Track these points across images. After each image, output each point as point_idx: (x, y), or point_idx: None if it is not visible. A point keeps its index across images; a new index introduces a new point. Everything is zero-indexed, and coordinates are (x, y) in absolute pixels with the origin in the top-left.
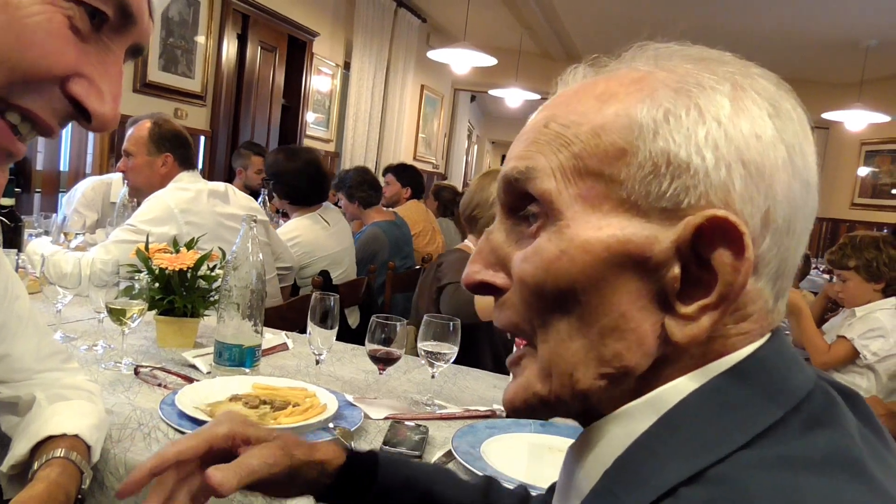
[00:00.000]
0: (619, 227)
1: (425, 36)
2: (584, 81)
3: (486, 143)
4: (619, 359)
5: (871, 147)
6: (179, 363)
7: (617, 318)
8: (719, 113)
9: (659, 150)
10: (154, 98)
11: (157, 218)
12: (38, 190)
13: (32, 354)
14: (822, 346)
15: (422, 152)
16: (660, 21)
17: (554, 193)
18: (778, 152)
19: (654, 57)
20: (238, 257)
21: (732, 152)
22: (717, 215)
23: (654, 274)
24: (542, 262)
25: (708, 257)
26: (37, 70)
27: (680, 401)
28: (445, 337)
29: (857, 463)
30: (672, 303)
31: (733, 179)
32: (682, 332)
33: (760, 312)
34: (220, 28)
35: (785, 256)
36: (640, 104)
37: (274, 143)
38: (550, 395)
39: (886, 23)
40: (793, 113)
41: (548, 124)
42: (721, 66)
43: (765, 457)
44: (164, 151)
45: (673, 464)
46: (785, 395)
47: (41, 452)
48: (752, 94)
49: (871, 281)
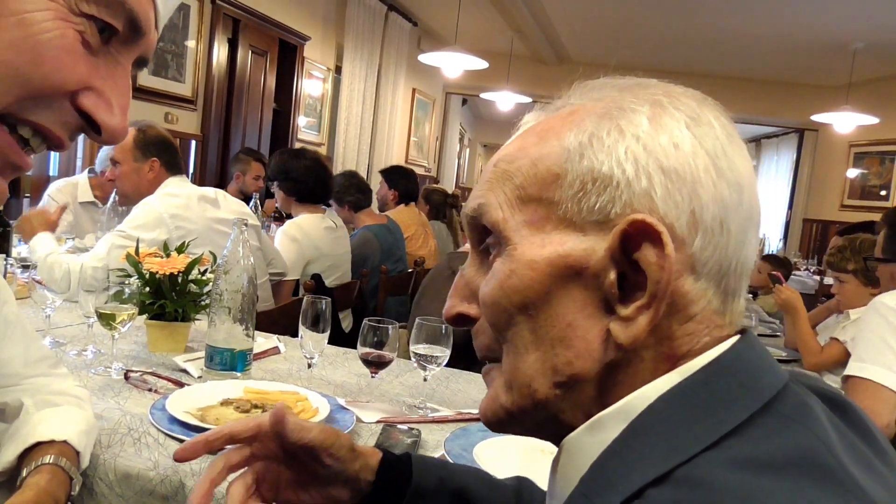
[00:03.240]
0: (560, 244)
1: (416, 39)
2: (532, 123)
3: (477, 146)
4: (570, 366)
5: (860, 149)
6: (170, 368)
7: (565, 328)
8: (637, 130)
9: (585, 169)
10: (145, 103)
11: (148, 224)
12: (26, 195)
13: (20, 360)
14: (814, 348)
15: (414, 156)
16: (648, 25)
17: (502, 222)
18: (698, 159)
19: (588, 91)
20: (229, 261)
21: (652, 163)
22: (637, 219)
23: (595, 282)
24: (497, 283)
25: (637, 259)
26: (49, 85)
27: (647, 406)
28: (438, 340)
29: (824, 464)
30: (614, 307)
31: (654, 186)
32: (624, 334)
33: (706, 313)
34: (211, 32)
35: (724, 255)
36: (569, 132)
37: (265, 147)
38: (513, 407)
39: (872, 25)
40: (714, 122)
41: (497, 164)
42: (645, 90)
43: (731, 457)
44: (150, 157)
45: (641, 466)
46: (754, 394)
47: (30, 459)
48: (671, 110)
49: (868, 285)
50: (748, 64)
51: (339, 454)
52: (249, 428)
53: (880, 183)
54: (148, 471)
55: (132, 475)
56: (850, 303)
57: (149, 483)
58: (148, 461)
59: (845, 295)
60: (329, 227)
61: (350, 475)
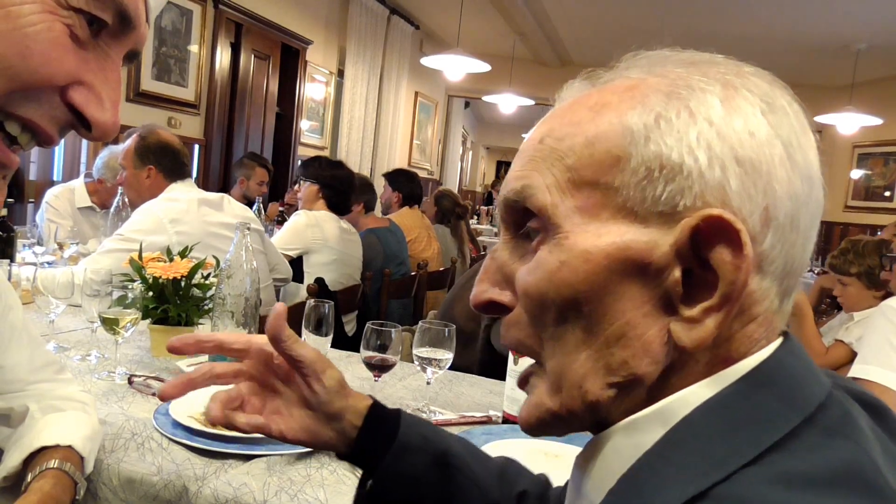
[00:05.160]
0: (618, 234)
1: (418, 43)
2: (579, 95)
3: (480, 148)
4: (627, 367)
5: (864, 149)
6: (174, 372)
7: (622, 326)
8: (710, 113)
9: (651, 155)
10: (147, 107)
11: (147, 228)
12: (31, 200)
13: (25, 366)
14: (819, 350)
15: (416, 159)
16: (651, 27)
17: (551, 207)
18: (774, 148)
19: (646, 64)
20: (232, 265)
21: (726, 151)
22: (712, 214)
23: (656, 279)
24: (545, 274)
25: (708, 258)
26: (37, 79)
27: (686, 415)
28: (441, 343)
29: (868, 481)
30: (676, 307)
31: (728, 178)
32: (688, 336)
33: (766, 314)
34: (214, 37)
35: (791, 253)
36: (631, 111)
37: (268, 151)
38: (562, 410)
39: (876, 26)
40: (788, 108)
41: (542, 140)
42: (712, 67)
43: (772, 474)
44: (147, 164)
45: (677, 482)
46: (797, 405)
47: (34, 464)
48: (745, 92)
49: (871, 288)
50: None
51: (328, 384)
52: (240, 340)
53: (884, 184)
54: (151, 475)
55: (136, 480)
56: (853, 305)
57: (152, 488)
58: (151, 466)
59: (848, 298)
60: (343, 229)
61: (335, 410)
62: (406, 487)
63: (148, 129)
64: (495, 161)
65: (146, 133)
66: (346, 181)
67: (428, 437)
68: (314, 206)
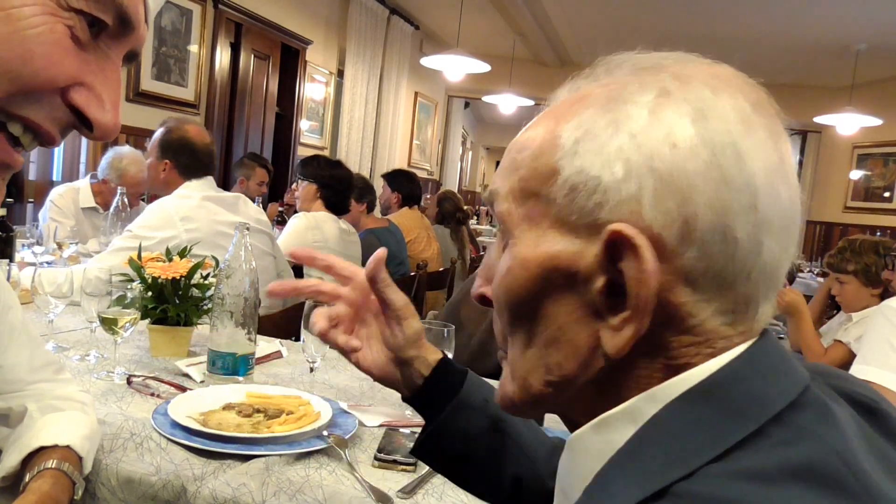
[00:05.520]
0: (552, 244)
1: (418, 43)
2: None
3: (480, 149)
4: (560, 368)
5: (863, 150)
6: (173, 372)
7: (556, 331)
8: (633, 125)
9: (577, 168)
10: (147, 107)
11: (157, 224)
12: (30, 200)
13: (24, 365)
14: (818, 350)
15: (416, 159)
16: (650, 27)
17: (506, 214)
18: (698, 159)
19: (605, 69)
20: (231, 265)
21: (643, 163)
22: (615, 229)
23: (584, 287)
24: (499, 278)
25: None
26: (39, 80)
27: (653, 416)
28: (440, 343)
29: (831, 476)
30: (603, 314)
31: (643, 191)
32: (610, 343)
33: (708, 325)
34: (213, 37)
35: (728, 265)
36: (566, 125)
37: (268, 151)
38: (515, 397)
39: (875, 27)
40: (730, 113)
41: (510, 151)
42: (656, 74)
43: (734, 469)
44: (164, 158)
45: (641, 480)
46: (763, 404)
47: (33, 464)
48: (678, 100)
49: (868, 286)
50: (750, 65)
51: (407, 332)
52: (347, 268)
53: (884, 184)
54: (150, 475)
55: (134, 480)
56: (851, 304)
57: (151, 488)
58: (150, 466)
59: (846, 296)
60: (343, 229)
61: (407, 356)
62: (459, 442)
63: (177, 122)
64: (495, 161)
65: (172, 127)
66: (344, 181)
67: (489, 401)
68: (312, 205)
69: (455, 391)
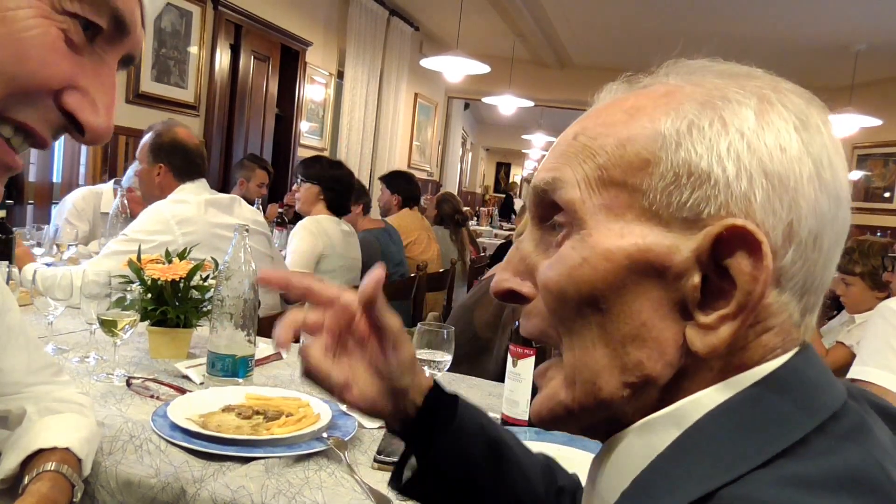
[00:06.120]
0: (641, 236)
1: (418, 44)
2: (616, 97)
3: (480, 150)
4: (641, 367)
5: (864, 151)
6: (172, 374)
7: (638, 327)
8: (743, 125)
9: (681, 161)
10: (147, 109)
11: (152, 228)
12: (30, 201)
13: (23, 368)
14: (819, 351)
15: (416, 160)
16: (650, 28)
17: (578, 203)
18: (803, 166)
19: (685, 72)
20: (230, 267)
21: (755, 164)
22: (736, 224)
23: (675, 283)
24: (565, 270)
25: (727, 266)
26: (32, 83)
27: (699, 419)
28: (440, 345)
29: (877, 486)
30: (692, 312)
31: (754, 190)
32: (701, 342)
33: (784, 326)
34: (213, 38)
35: (811, 271)
36: (665, 116)
37: (268, 152)
38: (574, 404)
39: (875, 27)
40: (822, 128)
41: (576, 137)
42: (750, 80)
43: (781, 476)
44: (158, 162)
45: (685, 484)
46: (810, 412)
47: (32, 466)
48: (780, 107)
49: (874, 289)
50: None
51: (402, 357)
52: (327, 291)
53: (884, 185)
54: (149, 478)
55: (134, 482)
56: (856, 306)
57: (150, 490)
58: (150, 468)
59: (851, 298)
60: (345, 231)
61: (402, 385)
62: (459, 470)
63: (166, 125)
64: (495, 162)
65: (162, 130)
66: (346, 182)
67: (484, 426)
68: (313, 207)
69: (451, 417)
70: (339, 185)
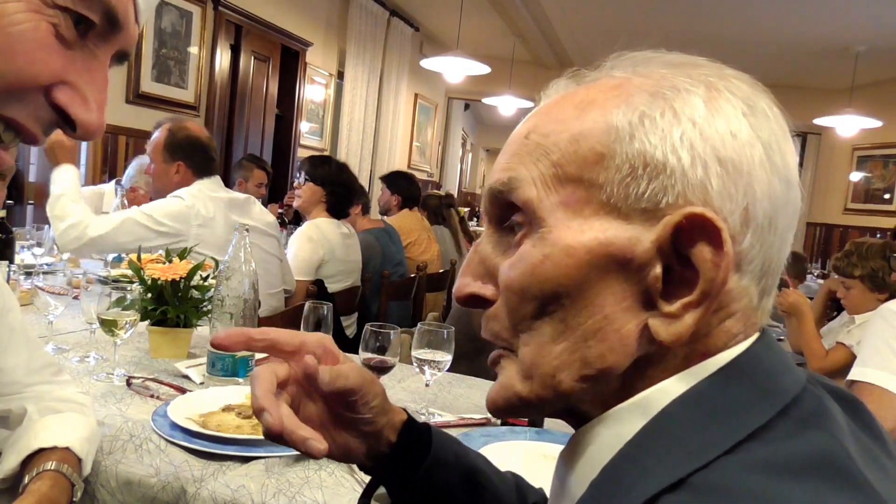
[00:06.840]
0: (601, 230)
1: (418, 45)
2: (565, 92)
3: (480, 150)
4: (602, 360)
5: (863, 152)
6: (172, 374)
7: (600, 320)
8: (694, 114)
9: (635, 152)
10: (147, 109)
11: (172, 214)
12: (30, 202)
13: (23, 367)
14: (819, 352)
15: (416, 161)
16: (650, 29)
17: (535, 201)
18: (755, 150)
19: (630, 65)
20: (230, 267)
21: (708, 151)
22: (695, 212)
23: (637, 274)
24: (527, 268)
25: (688, 255)
26: (22, 79)
27: (665, 406)
28: (440, 345)
29: (842, 468)
30: (656, 302)
31: (710, 177)
32: (666, 331)
33: (745, 311)
34: (213, 38)
35: (769, 254)
36: (616, 109)
37: (268, 153)
38: (531, 395)
39: (875, 28)
40: (768, 112)
41: (528, 135)
42: (695, 69)
43: (749, 461)
44: (176, 160)
45: (656, 472)
46: (773, 397)
47: (32, 465)
48: (727, 94)
49: (874, 291)
50: (750, 67)
51: (373, 403)
52: (293, 342)
53: (884, 186)
54: (149, 477)
55: (134, 482)
56: (856, 308)
57: (150, 490)
58: (150, 468)
59: (851, 300)
60: (344, 234)
61: (377, 429)
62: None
63: (177, 122)
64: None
65: (176, 128)
66: (350, 186)
67: (458, 455)
68: (314, 208)
69: (427, 449)
70: (344, 189)
